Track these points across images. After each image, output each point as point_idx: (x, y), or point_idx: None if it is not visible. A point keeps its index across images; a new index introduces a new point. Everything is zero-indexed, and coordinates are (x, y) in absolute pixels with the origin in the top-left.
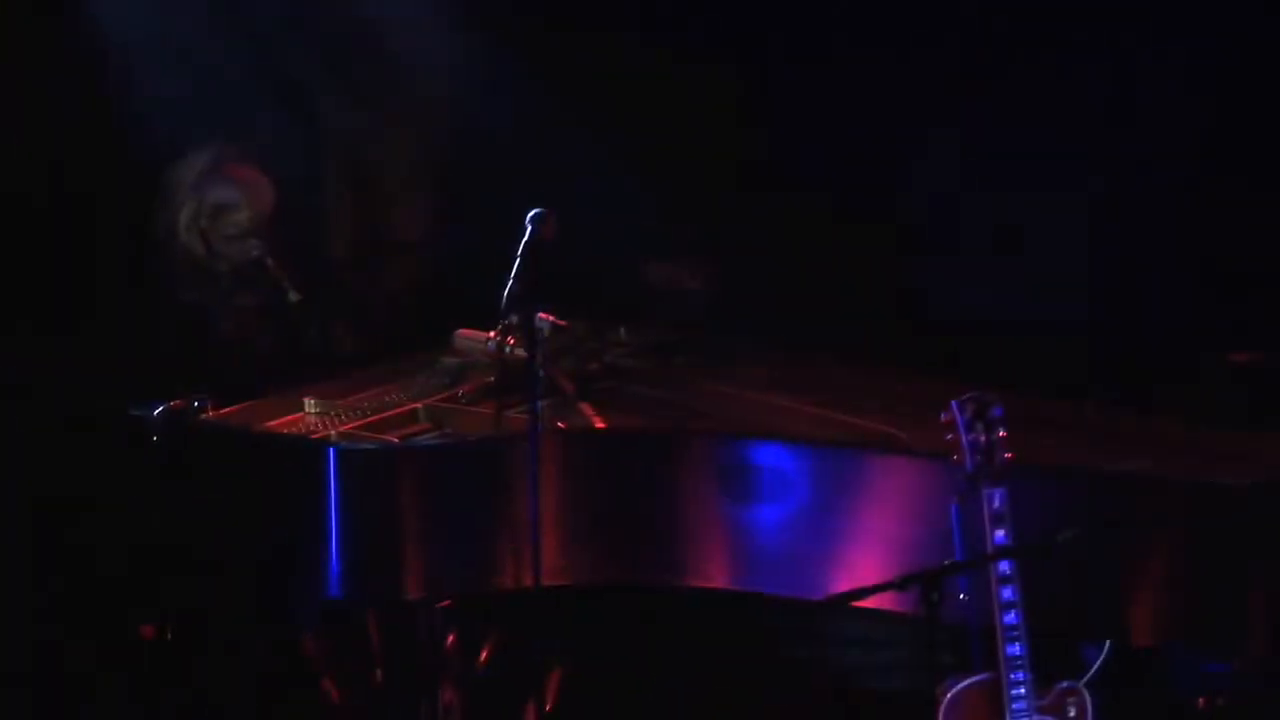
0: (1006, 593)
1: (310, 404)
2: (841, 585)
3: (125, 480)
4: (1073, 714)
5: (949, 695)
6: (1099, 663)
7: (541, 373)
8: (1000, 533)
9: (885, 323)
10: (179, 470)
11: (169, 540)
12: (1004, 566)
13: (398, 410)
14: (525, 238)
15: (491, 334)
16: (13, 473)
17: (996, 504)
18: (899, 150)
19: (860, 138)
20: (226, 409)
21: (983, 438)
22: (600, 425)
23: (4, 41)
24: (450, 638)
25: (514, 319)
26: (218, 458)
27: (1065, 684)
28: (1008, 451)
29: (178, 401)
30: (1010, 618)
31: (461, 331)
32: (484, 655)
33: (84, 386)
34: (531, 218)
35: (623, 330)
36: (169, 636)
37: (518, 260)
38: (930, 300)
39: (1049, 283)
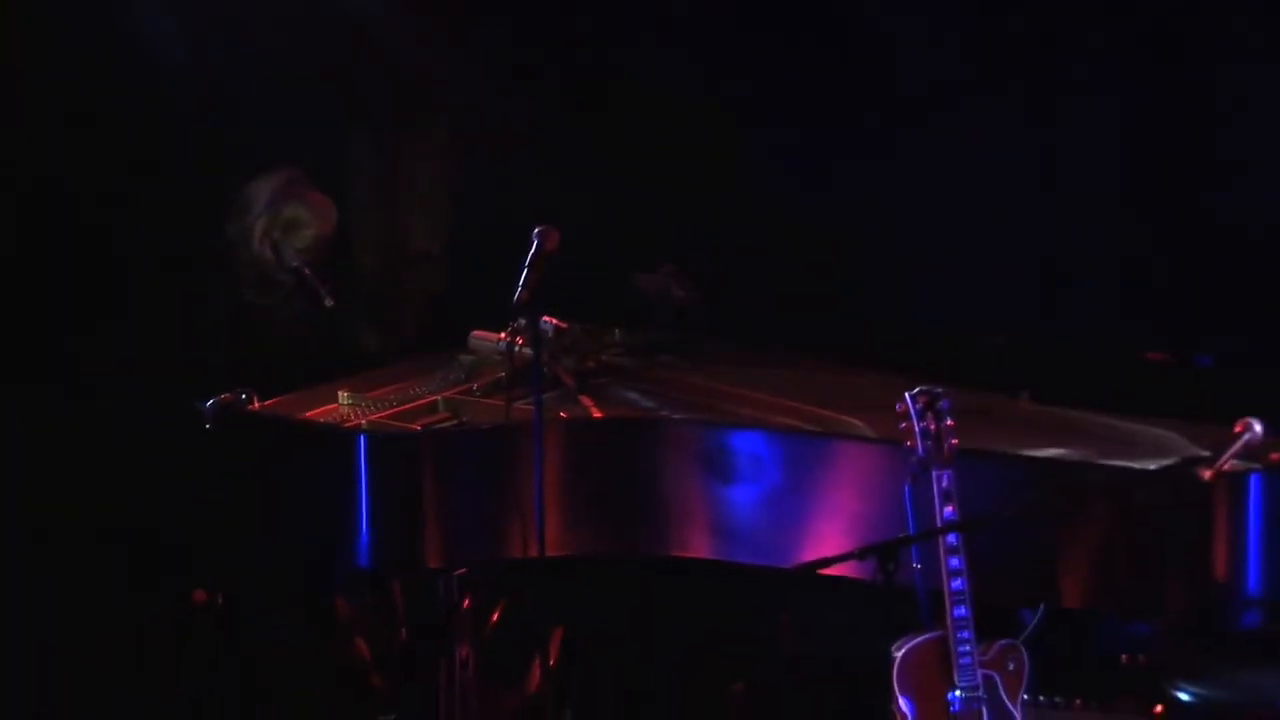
0: (954, 562)
1: (344, 396)
2: (809, 555)
3: (183, 463)
4: (1011, 668)
5: (903, 651)
6: (1034, 623)
7: (545, 369)
8: (948, 509)
9: (849, 326)
10: (229, 454)
11: (220, 516)
12: (951, 539)
13: (420, 402)
14: (531, 250)
15: (502, 335)
16: (88, 458)
17: (945, 484)
18: (862, 166)
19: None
20: (270, 401)
21: (932, 426)
22: (597, 415)
23: (52, 40)
24: (465, 602)
25: (521, 322)
26: (262, 444)
27: (1005, 641)
28: (954, 438)
29: (227, 395)
30: (957, 584)
31: (476, 333)
32: (495, 617)
33: (151, 382)
34: (536, 233)
35: (617, 332)
36: (219, 600)
37: (524, 270)
38: (888, 306)
39: (991, 290)
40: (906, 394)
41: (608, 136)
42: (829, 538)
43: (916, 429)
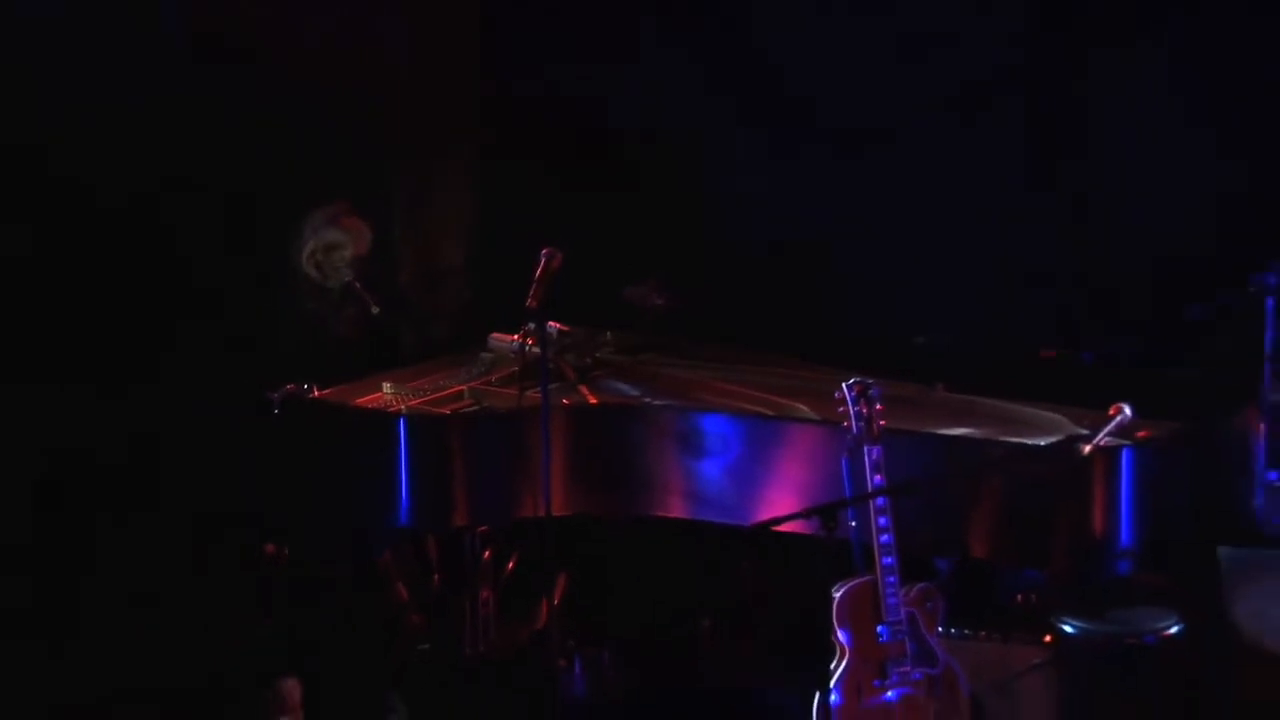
0: (882, 520)
1: (387, 386)
2: (764, 515)
3: (256, 442)
4: (929, 606)
5: (840, 593)
6: (947, 570)
7: (551, 364)
8: (878, 478)
9: (799, 329)
10: (293, 435)
11: (287, 484)
12: (880, 502)
13: (449, 391)
14: (539, 267)
15: (515, 337)
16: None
17: (874, 457)
18: (805, 195)
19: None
20: (326, 390)
21: (865, 410)
22: (593, 402)
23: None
24: (486, 554)
25: (531, 325)
26: (321, 425)
27: (924, 585)
28: (882, 420)
29: (292, 385)
30: (885, 538)
31: (494, 335)
32: (510, 565)
33: (230, 375)
34: (543, 253)
35: (609, 334)
36: (285, 552)
37: (533, 283)
38: (829, 312)
39: (913, 298)
40: (844, 384)
41: (603, 171)
42: (781, 501)
43: (852, 413)
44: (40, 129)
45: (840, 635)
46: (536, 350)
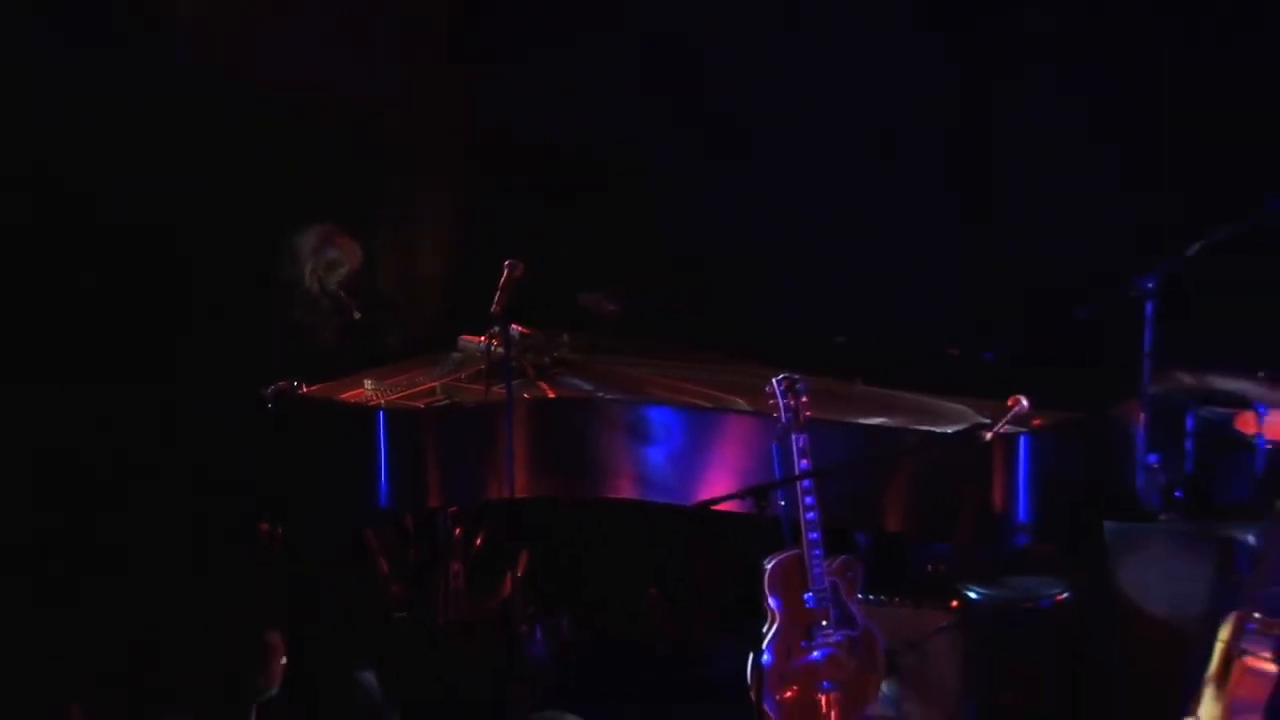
0: (808, 500)
1: (368, 383)
2: (704, 496)
3: (252, 432)
4: (850, 576)
5: (771, 564)
6: (866, 544)
7: (514, 363)
8: (804, 462)
9: (734, 330)
10: (285, 426)
11: (279, 470)
12: (806, 483)
13: (423, 387)
14: (503, 277)
15: (482, 338)
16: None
17: (801, 444)
18: (739, 209)
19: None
20: (314, 387)
21: (792, 402)
22: (552, 396)
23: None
24: (457, 531)
25: (496, 329)
26: (310, 418)
27: (845, 556)
28: (808, 411)
29: (283, 383)
30: (811, 516)
31: (463, 336)
32: (479, 541)
33: (229, 374)
34: (506, 264)
35: (566, 336)
36: (279, 530)
37: (498, 291)
38: (761, 314)
39: (835, 301)
40: (774, 379)
41: (561, 192)
42: (718, 483)
43: (781, 404)
44: (45, 134)
45: (771, 602)
46: (501, 350)
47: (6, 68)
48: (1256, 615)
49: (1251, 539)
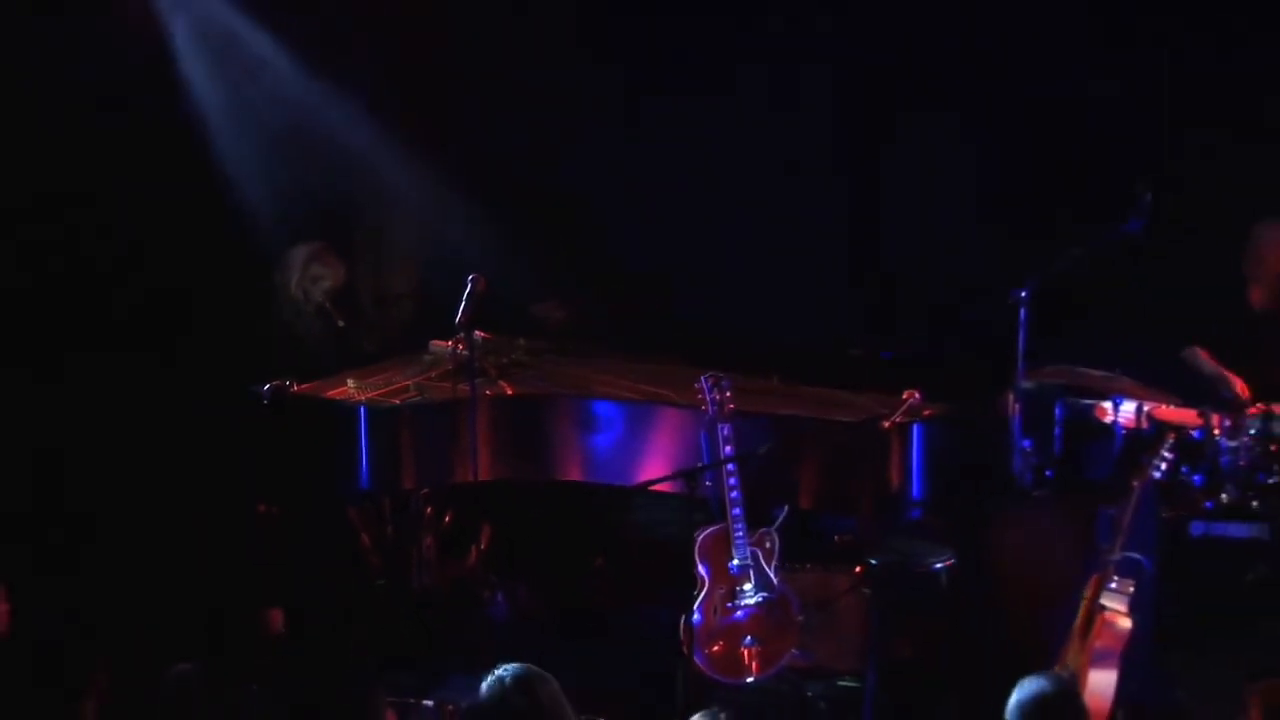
0: (732, 481)
1: (350, 382)
2: (643, 478)
3: (249, 425)
4: (768, 545)
5: (701, 536)
6: (781, 518)
7: (477, 364)
8: (729, 449)
9: (667, 333)
10: (279, 420)
11: (273, 459)
12: (730, 466)
13: (399, 385)
14: (467, 289)
15: (450, 343)
16: (189, 419)
17: (726, 433)
18: (666, 232)
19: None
20: (304, 385)
21: (718, 396)
22: (510, 393)
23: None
24: (429, 510)
25: (462, 334)
26: (300, 413)
27: (764, 529)
28: (732, 404)
29: (276, 381)
30: (734, 494)
31: (433, 342)
32: (448, 519)
33: (228, 373)
34: (470, 279)
35: (522, 340)
36: (274, 510)
37: (463, 301)
38: (689, 320)
39: (755, 308)
40: (702, 376)
41: (518, 217)
42: (655, 467)
43: (708, 398)
44: (44, 140)
45: (701, 568)
46: (466, 353)
47: (7, 71)
48: (1115, 577)
49: (1111, 512)
